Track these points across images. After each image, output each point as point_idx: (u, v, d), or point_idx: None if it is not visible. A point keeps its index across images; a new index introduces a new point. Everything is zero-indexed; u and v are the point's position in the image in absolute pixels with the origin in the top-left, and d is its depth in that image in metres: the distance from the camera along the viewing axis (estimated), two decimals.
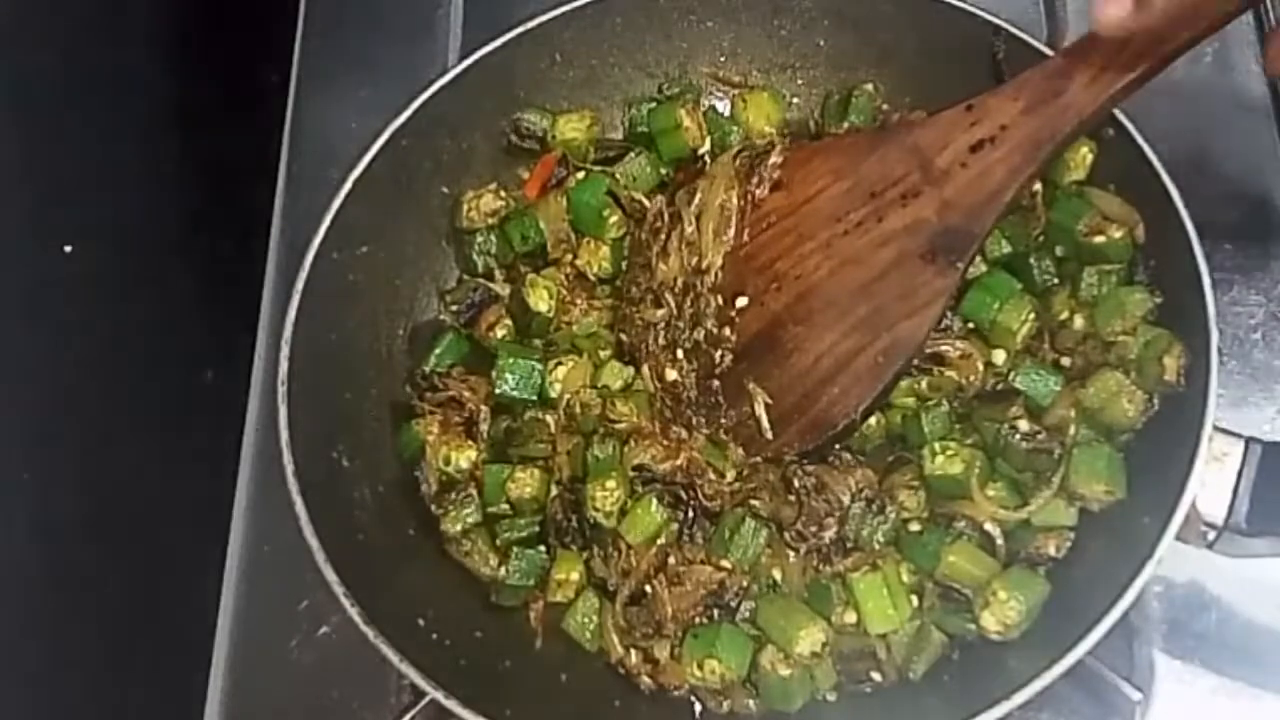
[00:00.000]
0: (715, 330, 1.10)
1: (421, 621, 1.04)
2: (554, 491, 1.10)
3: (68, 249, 1.34)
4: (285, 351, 1.07)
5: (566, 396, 1.13)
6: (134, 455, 1.31)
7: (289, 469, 1.02)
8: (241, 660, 1.15)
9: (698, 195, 1.13)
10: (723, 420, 1.10)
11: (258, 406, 1.24)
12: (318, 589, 1.00)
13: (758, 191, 1.10)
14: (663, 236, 1.14)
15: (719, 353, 1.10)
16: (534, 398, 1.14)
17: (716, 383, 1.10)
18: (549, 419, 1.13)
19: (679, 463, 1.09)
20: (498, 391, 1.13)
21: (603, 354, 1.16)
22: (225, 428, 1.24)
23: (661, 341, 1.13)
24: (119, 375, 1.33)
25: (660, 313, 1.12)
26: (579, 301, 1.19)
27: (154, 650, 1.24)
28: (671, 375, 1.12)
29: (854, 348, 1.04)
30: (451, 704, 0.94)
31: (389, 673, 1.10)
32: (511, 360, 1.14)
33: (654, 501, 1.07)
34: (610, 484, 1.08)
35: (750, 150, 1.14)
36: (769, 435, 1.07)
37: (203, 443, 1.29)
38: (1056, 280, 1.12)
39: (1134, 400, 1.03)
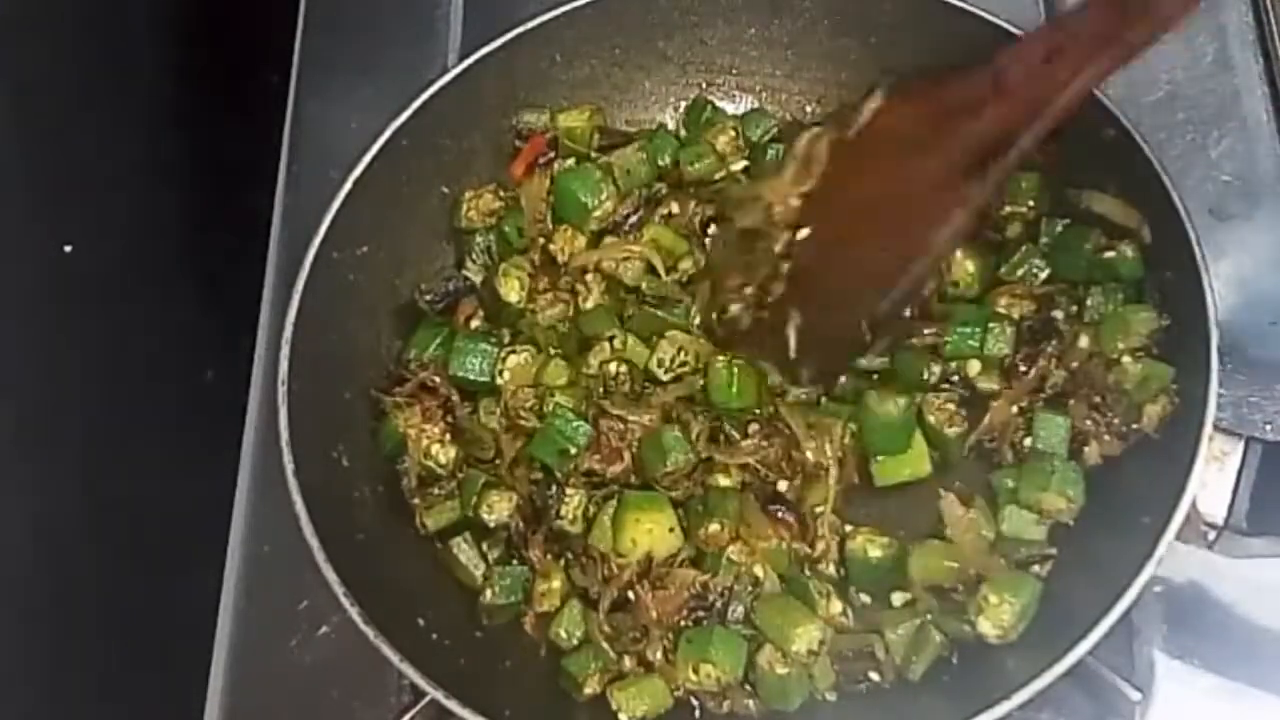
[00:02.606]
0: (776, 261, 1.09)
1: (421, 621, 1.04)
2: (514, 502, 1.10)
3: (68, 249, 1.34)
4: (285, 351, 1.07)
5: (509, 390, 1.13)
6: (134, 455, 1.31)
7: (289, 469, 1.02)
8: (241, 660, 1.15)
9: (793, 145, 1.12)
10: (764, 349, 1.10)
11: (258, 406, 1.24)
12: (318, 589, 1.00)
13: (847, 135, 1.08)
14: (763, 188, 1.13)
15: (774, 284, 1.09)
16: (486, 379, 1.14)
17: (766, 313, 1.09)
18: (492, 424, 1.13)
19: (625, 464, 1.10)
20: (452, 373, 1.14)
21: (552, 350, 1.16)
22: (225, 428, 1.24)
23: (735, 282, 1.12)
24: (119, 375, 1.33)
25: (745, 257, 1.11)
26: (546, 290, 1.19)
27: (154, 650, 1.24)
28: (734, 309, 1.11)
29: (878, 257, 1.03)
30: (451, 704, 0.94)
31: (389, 673, 1.09)
32: (466, 342, 1.15)
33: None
34: (568, 491, 1.08)
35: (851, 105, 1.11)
36: (792, 354, 1.07)
37: (203, 443, 1.29)
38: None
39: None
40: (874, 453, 1.09)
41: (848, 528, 1.08)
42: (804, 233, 1.08)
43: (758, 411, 1.12)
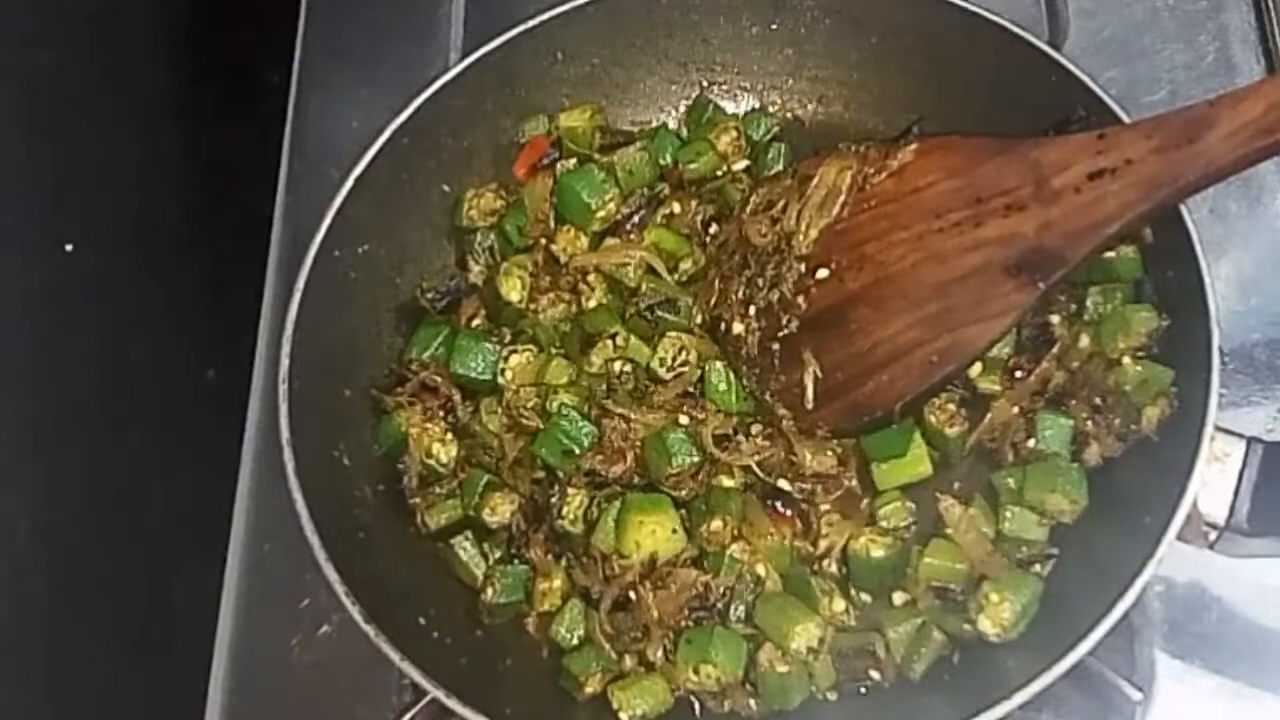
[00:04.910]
0: (790, 295, 1.10)
1: (422, 620, 1.04)
2: (516, 503, 1.10)
3: (68, 248, 1.34)
4: (286, 350, 1.07)
5: (511, 390, 1.13)
6: (135, 454, 1.31)
7: (290, 467, 1.02)
8: (241, 660, 1.15)
9: (818, 170, 1.13)
10: (772, 383, 1.10)
11: (259, 405, 1.24)
12: (318, 588, 1.00)
13: (873, 176, 1.10)
14: (779, 205, 1.14)
15: (787, 318, 1.10)
16: (488, 378, 1.14)
17: (777, 345, 1.10)
18: (493, 425, 1.13)
19: (628, 464, 1.10)
20: (454, 371, 1.14)
21: (554, 349, 1.16)
22: (226, 426, 1.24)
23: (739, 296, 1.13)
24: (119, 375, 1.33)
25: (747, 271, 1.13)
26: (548, 290, 1.19)
27: (154, 650, 1.24)
28: (738, 329, 1.12)
29: (914, 341, 1.04)
30: (452, 703, 0.94)
31: (389, 672, 1.09)
32: (469, 340, 1.15)
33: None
34: (570, 491, 1.08)
35: (881, 141, 1.13)
36: (809, 405, 1.08)
37: (204, 442, 1.29)
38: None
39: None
40: (873, 458, 1.09)
41: None
42: (823, 273, 1.09)
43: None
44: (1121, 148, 0.97)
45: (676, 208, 1.22)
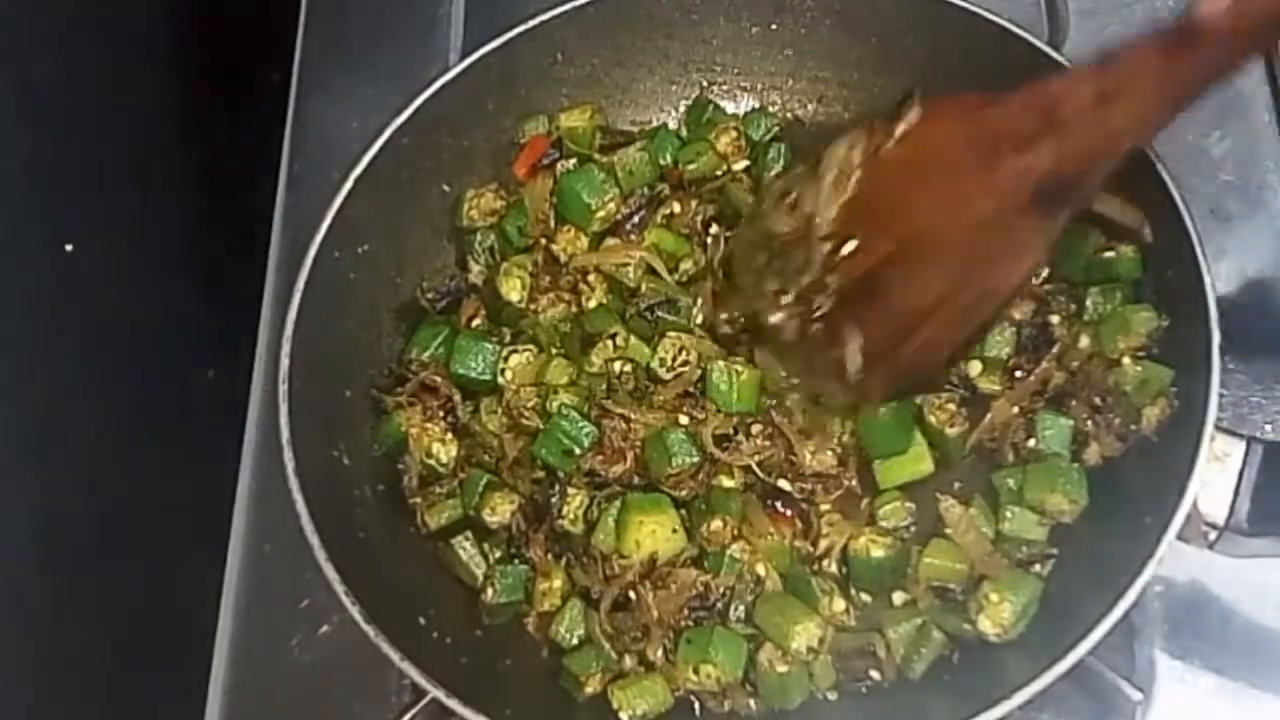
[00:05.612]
0: (821, 276, 1.07)
1: (422, 620, 1.04)
2: (516, 503, 1.10)
3: (68, 248, 1.34)
4: (286, 350, 1.07)
5: (511, 390, 1.13)
6: (134, 454, 1.30)
7: (290, 467, 1.02)
8: (241, 660, 1.15)
9: (828, 151, 1.11)
10: (818, 362, 1.09)
11: (259, 405, 1.24)
12: (318, 588, 1.00)
13: (884, 144, 1.07)
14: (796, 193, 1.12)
15: (822, 297, 1.07)
16: (488, 378, 1.14)
17: (817, 325, 1.08)
18: (493, 425, 1.13)
19: (628, 464, 1.10)
20: (454, 371, 1.14)
21: (554, 349, 1.16)
22: (226, 426, 1.24)
23: (772, 288, 1.11)
24: (119, 375, 1.33)
25: (775, 264, 1.10)
26: (548, 290, 1.19)
27: (154, 650, 1.24)
28: (776, 318, 1.10)
29: (945, 293, 1.02)
30: (452, 703, 0.94)
31: (389, 672, 1.10)
32: (469, 340, 1.15)
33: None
34: (570, 491, 1.08)
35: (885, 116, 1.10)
36: (858, 375, 1.06)
37: (203, 441, 1.29)
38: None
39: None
40: (875, 455, 1.09)
41: None
42: (850, 246, 1.08)
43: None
44: (1125, 64, 0.95)
45: (676, 208, 1.22)
